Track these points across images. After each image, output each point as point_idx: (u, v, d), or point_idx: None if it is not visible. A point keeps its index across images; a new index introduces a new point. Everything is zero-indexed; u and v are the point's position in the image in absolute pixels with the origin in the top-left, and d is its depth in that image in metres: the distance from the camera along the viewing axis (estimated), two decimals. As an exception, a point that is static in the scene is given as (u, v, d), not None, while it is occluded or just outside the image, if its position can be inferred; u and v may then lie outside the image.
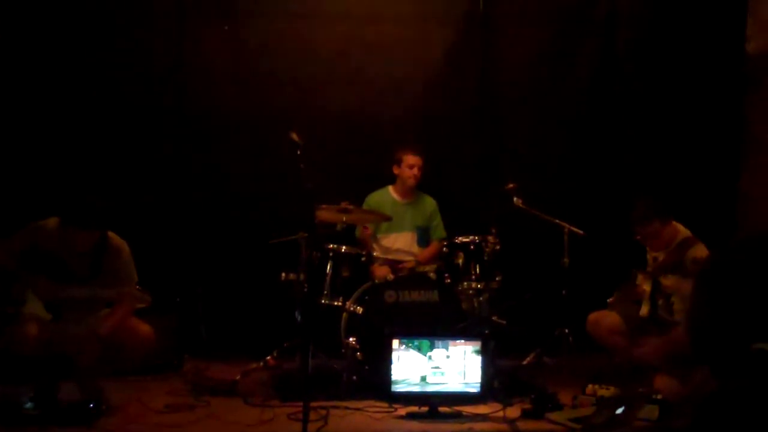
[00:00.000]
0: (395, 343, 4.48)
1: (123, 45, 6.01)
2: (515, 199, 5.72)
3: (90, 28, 5.94)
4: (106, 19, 5.98)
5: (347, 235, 5.60)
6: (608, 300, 5.16)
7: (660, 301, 4.82)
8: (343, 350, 4.96)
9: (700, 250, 4.69)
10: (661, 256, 4.98)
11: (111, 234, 4.49)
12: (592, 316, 5.17)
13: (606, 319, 5.10)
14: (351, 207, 5.21)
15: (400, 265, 5.64)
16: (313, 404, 4.16)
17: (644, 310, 4.90)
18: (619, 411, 4.03)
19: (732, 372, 1.62)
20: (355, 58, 6.27)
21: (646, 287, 4.85)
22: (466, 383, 4.52)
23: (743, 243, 1.62)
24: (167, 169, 6.09)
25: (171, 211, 6.04)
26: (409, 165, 5.85)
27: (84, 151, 5.90)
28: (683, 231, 4.95)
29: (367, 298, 5.08)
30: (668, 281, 4.80)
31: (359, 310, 5.02)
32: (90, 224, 4.31)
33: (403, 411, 4.44)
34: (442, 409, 4.42)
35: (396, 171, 5.93)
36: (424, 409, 4.41)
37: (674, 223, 4.98)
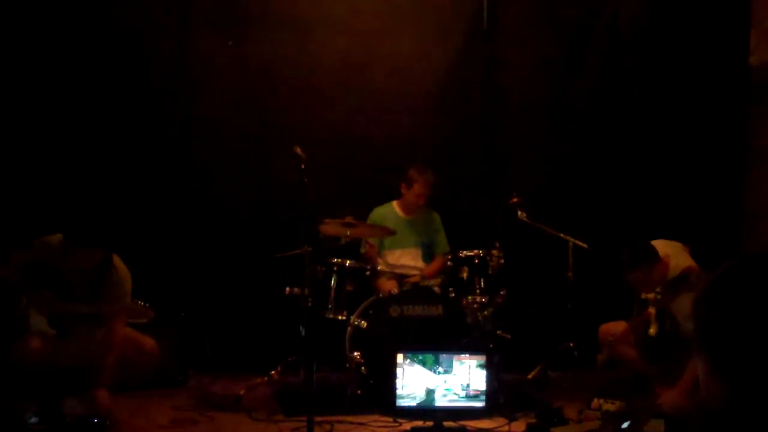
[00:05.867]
0: (400, 357, 4.47)
1: (125, 59, 6.01)
2: (519, 212, 5.70)
3: (92, 40, 5.93)
4: (108, 35, 5.98)
5: (351, 249, 5.60)
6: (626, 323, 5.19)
7: (667, 323, 4.85)
8: (347, 364, 4.96)
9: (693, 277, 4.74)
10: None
11: (117, 260, 4.49)
12: (604, 327, 5.26)
13: (618, 328, 5.18)
14: (355, 221, 5.21)
15: (407, 279, 5.61)
16: (318, 419, 4.16)
17: (653, 330, 4.92)
18: (625, 425, 4.01)
19: (740, 386, 1.60)
20: (359, 72, 6.26)
21: (652, 310, 4.88)
22: (470, 397, 4.51)
23: (740, 265, 1.60)
24: (171, 183, 6.08)
25: (175, 225, 6.02)
26: (417, 194, 5.79)
27: (86, 166, 5.87)
28: (675, 265, 4.85)
29: (371, 312, 5.08)
30: (671, 303, 4.84)
31: (364, 324, 5.02)
32: (90, 243, 4.33)
33: (407, 425, 4.43)
34: (446, 423, 4.41)
35: (404, 191, 5.85)
36: (429, 423, 4.40)
37: (664, 259, 4.85)
